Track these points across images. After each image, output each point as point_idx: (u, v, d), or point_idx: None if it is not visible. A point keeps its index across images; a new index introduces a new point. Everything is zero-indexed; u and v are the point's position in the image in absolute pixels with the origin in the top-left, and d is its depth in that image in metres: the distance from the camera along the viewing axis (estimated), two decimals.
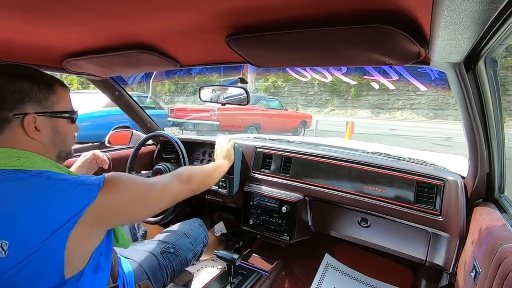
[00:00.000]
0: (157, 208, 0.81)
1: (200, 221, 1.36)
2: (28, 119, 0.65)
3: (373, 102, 17.56)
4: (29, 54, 1.04)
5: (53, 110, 0.69)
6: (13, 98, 0.63)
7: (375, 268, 1.62)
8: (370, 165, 1.31)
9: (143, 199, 0.75)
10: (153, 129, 1.87)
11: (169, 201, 0.85)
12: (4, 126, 0.64)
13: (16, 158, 0.63)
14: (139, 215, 0.81)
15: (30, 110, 0.65)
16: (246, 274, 1.50)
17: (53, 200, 0.60)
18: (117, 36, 0.87)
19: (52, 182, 0.62)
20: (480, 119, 0.86)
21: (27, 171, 0.62)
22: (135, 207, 0.73)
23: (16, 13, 0.67)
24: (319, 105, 18.76)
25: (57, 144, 0.72)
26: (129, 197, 0.70)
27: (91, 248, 0.66)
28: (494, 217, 0.88)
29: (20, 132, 0.65)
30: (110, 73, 1.41)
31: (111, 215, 0.67)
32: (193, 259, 1.24)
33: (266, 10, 0.64)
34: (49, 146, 0.71)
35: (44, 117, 0.68)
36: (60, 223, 0.58)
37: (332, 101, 18.48)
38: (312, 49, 0.83)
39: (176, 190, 0.87)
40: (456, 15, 0.43)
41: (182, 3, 0.61)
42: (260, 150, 1.60)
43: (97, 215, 0.63)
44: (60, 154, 0.74)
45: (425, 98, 16.03)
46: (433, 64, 0.77)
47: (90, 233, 0.64)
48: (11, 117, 0.64)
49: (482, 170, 1.00)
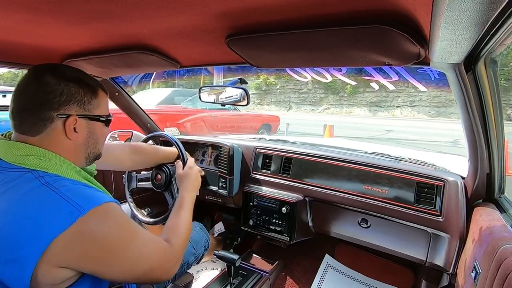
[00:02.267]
0: (118, 276, 0.67)
1: (201, 225, 1.36)
2: (70, 121, 0.68)
3: (370, 100, 16.61)
4: (29, 55, 1.05)
5: (93, 113, 0.73)
6: (60, 99, 0.66)
7: (375, 269, 1.62)
8: (370, 166, 1.31)
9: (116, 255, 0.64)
10: (152, 129, 1.87)
11: (138, 277, 0.70)
12: (47, 124, 0.66)
13: (36, 157, 0.64)
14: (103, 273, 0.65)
15: (73, 112, 0.68)
16: (246, 274, 1.50)
17: (34, 213, 0.57)
18: (117, 36, 0.87)
19: (44, 190, 0.60)
20: (480, 119, 0.86)
21: (38, 172, 0.62)
22: (104, 260, 0.63)
23: (16, 13, 0.67)
24: (313, 103, 17.89)
25: (89, 145, 0.74)
26: (103, 246, 0.62)
27: None
28: (494, 218, 0.88)
29: (59, 132, 0.67)
30: (110, 74, 1.41)
31: (78, 255, 0.59)
32: (194, 262, 1.23)
33: (266, 10, 0.64)
34: (81, 147, 0.73)
35: (84, 119, 0.71)
36: (31, 245, 0.55)
37: (327, 98, 17.63)
38: (312, 49, 0.83)
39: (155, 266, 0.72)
40: (456, 16, 0.43)
41: (182, 4, 0.61)
42: (260, 151, 1.60)
43: (62, 252, 0.57)
44: (89, 155, 0.76)
45: (426, 95, 15.10)
46: (433, 65, 0.78)
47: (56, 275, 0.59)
48: (54, 117, 0.66)
49: (482, 171, 1.00)
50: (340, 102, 17.50)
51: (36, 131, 0.66)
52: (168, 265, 0.75)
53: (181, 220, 0.90)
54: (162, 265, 0.74)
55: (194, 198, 1.02)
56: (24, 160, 0.63)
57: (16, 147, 0.65)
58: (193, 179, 1.06)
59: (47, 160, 0.65)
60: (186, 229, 0.88)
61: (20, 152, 0.64)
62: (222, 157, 1.59)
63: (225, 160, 1.57)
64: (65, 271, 0.59)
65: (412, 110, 15.79)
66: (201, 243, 1.27)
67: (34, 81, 0.66)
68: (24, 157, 0.64)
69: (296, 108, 16.98)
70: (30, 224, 0.56)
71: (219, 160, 1.61)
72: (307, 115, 15.86)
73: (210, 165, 1.71)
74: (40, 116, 0.65)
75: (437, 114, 15.10)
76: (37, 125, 0.66)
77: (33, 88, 0.66)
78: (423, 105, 15.53)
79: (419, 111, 15.63)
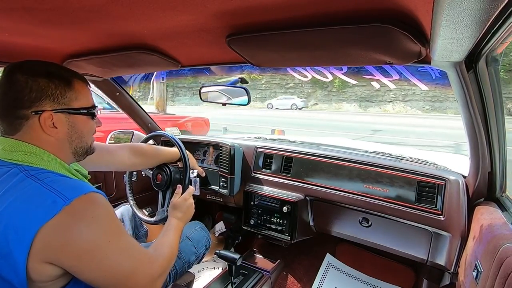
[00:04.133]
0: (97, 278, 0.63)
1: (201, 224, 1.36)
2: (45, 116, 0.66)
3: (360, 94, 15.43)
4: (29, 55, 1.05)
5: (71, 106, 0.70)
6: (31, 96, 0.64)
7: (377, 268, 1.62)
8: (371, 165, 1.31)
9: (99, 254, 0.61)
10: (153, 129, 1.87)
11: (118, 281, 0.65)
12: (23, 123, 0.65)
13: (23, 153, 0.65)
14: (81, 274, 0.62)
15: (48, 108, 0.66)
16: (248, 274, 1.50)
17: (20, 206, 0.58)
18: (117, 36, 0.87)
19: (29, 182, 0.60)
20: (481, 118, 0.86)
21: (23, 166, 0.63)
22: (85, 260, 0.60)
23: (16, 14, 0.67)
24: (301, 99, 16.48)
25: (73, 140, 0.72)
26: (86, 241, 0.59)
27: None
28: (496, 216, 0.88)
29: (37, 129, 0.66)
30: (111, 74, 1.41)
31: (60, 247, 0.57)
32: (195, 261, 1.24)
33: (266, 10, 0.64)
34: (65, 143, 0.71)
35: (62, 113, 0.68)
36: (18, 238, 0.55)
37: (315, 93, 16.54)
38: (313, 48, 0.83)
39: (139, 271, 0.69)
40: (457, 14, 0.43)
41: (182, 3, 0.61)
42: (260, 150, 1.60)
43: (46, 245, 0.56)
44: (76, 150, 0.74)
45: (420, 88, 13.60)
46: (434, 63, 0.77)
47: (44, 271, 0.58)
48: (29, 114, 0.65)
49: (484, 169, 0.99)
50: (329, 97, 16.46)
51: (14, 130, 0.66)
52: (151, 272, 0.71)
53: (164, 243, 0.86)
54: (145, 271, 0.69)
55: (181, 228, 0.98)
56: (11, 155, 0.64)
57: (4, 143, 0.66)
58: (184, 211, 1.02)
59: (34, 155, 0.65)
60: (169, 251, 0.83)
61: (8, 147, 0.65)
62: (223, 157, 1.59)
63: (226, 159, 1.57)
64: (50, 268, 0.58)
65: (405, 105, 14.79)
66: (202, 242, 1.27)
67: (5, 82, 0.65)
68: (11, 152, 0.65)
69: None
70: (16, 218, 0.56)
71: (220, 160, 1.62)
72: (292, 113, 14.65)
73: (211, 165, 1.71)
74: (15, 116, 0.65)
75: (432, 109, 14.05)
76: (14, 125, 0.66)
77: (4, 88, 0.65)
78: (416, 99, 14.56)
79: (412, 106, 14.62)
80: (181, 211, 1.02)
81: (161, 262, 0.77)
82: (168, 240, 0.88)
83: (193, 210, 1.06)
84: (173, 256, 0.84)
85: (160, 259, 0.77)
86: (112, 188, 1.68)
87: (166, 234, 0.91)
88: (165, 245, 0.85)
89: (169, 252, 0.83)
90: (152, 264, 0.72)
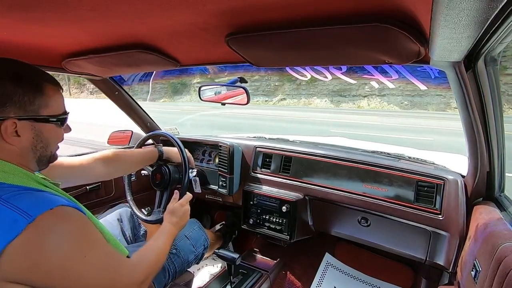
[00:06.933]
0: None
1: (199, 223, 1.36)
2: (7, 124, 0.59)
3: (332, 88, 13.75)
4: (28, 54, 1.04)
5: (38, 114, 0.63)
6: None
7: (375, 267, 1.62)
8: (370, 164, 1.31)
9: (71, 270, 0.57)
10: (153, 128, 1.87)
11: None
12: None
13: (1, 171, 0.60)
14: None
15: (11, 114, 0.60)
16: (247, 273, 1.50)
17: None
18: (116, 35, 0.87)
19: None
20: (480, 118, 0.86)
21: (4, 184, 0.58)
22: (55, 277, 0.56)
23: (15, 12, 0.67)
24: (267, 93, 15.19)
25: (37, 149, 0.66)
26: (54, 258, 0.55)
27: None
28: (494, 216, 0.88)
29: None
30: (110, 73, 1.41)
31: (27, 268, 0.53)
32: (194, 261, 1.24)
33: (266, 9, 0.64)
34: (28, 152, 0.65)
35: (27, 121, 0.62)
36: None
37: (282, 87, 14.93)
38: (312, 48, 0.83)
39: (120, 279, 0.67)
40: (456, 14, 0.43)
41: (182, 3, 0.60)
42: (260, 150, 1.60)
43: (12, 265, 0.52)
44: (40, 158, 0.68)
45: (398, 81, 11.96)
46: (433, 63, 0.77)
47: None
48: None
49: (482, 169, 1.00)
50: (298, 91, 14.80)
51: None
52: (133, 281, 0.69)
53: (152, 248, 0.85)
54: (125, 280, 0.67)
55: (175, 234, 0.97)
56: None
57: None
58: (180, 216, 1.01)
59: (11, 173, 0.60)
60: (155, 257, 0.81)
61: None
62: (222, 156, 1.59)
63: (225, 159, 1.57)
64: (17, 287, 0.54)
65: (382, 100, 13.06)
66: (200, 242, 1.27)
67: None
68: None
69: None
70: None
71: (219, 159, 1.62)
72: (256, 109, 12.48)
73: (210, 164, 1.71)
74: None
75: (411, 105, 12.39)
76: None
77: None
78: (394, 93, 12.75)
79: (389, 101, 12.90)
80: (176, 216, 1.01)
81: (144, 268, 0.75)
82: (157, 245, 0.87)
83: (188, 217, 1.06)
84: (159, 261, 0.82)
85: (143, 265, 0.75)
86: (111, 187, 1.68)
87: (157, 238, 0.90)
88: (152, 251, 0.83)
89: (155, 258, 0.81)
90: (133, 273, 0.70)
